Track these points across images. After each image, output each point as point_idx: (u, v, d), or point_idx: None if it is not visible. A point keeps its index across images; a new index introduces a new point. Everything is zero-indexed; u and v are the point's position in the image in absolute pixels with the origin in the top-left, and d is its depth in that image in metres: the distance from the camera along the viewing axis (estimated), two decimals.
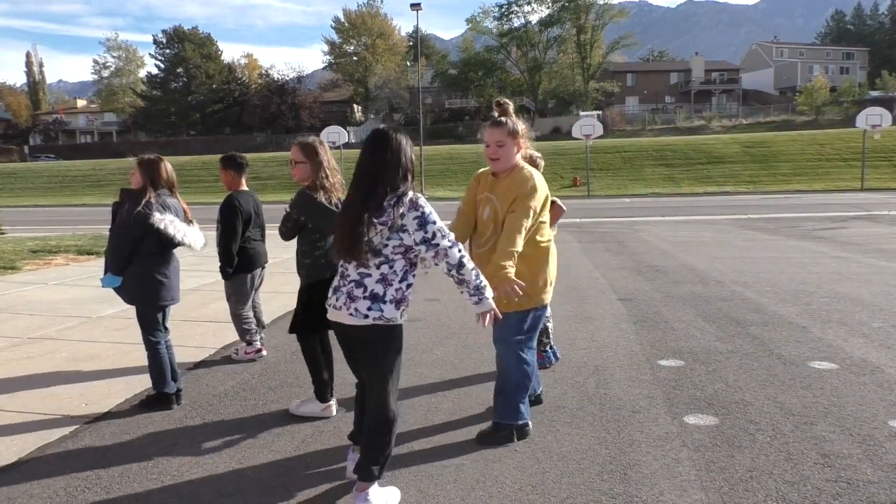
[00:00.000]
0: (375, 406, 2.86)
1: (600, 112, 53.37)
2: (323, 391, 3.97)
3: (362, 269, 2.80)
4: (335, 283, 2.95)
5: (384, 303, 2.77)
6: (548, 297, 3.60)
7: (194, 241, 4.23)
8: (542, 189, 3.42)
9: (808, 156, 37.86)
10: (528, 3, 68.35)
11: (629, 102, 67.52)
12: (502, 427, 3.58)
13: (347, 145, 40.57)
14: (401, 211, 2.72)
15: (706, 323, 6.09)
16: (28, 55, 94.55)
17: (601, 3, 67.40)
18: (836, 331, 5.71)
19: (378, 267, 2.78)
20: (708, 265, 9.59)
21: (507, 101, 3.65)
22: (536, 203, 3.35)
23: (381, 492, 2.91)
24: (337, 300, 2.87)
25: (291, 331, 3.95)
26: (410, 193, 2.78)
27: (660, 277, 8.65)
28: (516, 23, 68.90)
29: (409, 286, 2.85)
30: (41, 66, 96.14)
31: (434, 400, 4.23)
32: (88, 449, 3.57)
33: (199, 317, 6.72)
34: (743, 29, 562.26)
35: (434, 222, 2.77)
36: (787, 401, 4.06)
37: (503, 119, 3.50)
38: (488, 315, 2.85)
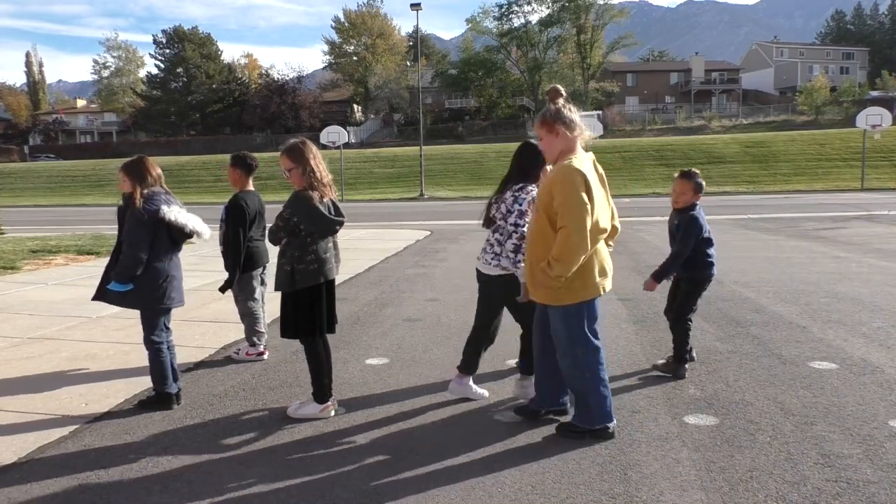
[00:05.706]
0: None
1: (600, 112, 53.23)
2: (322, 392, 3.97)
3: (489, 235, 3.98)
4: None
5: (500, 258, 3.88)
6: (577, 295, 3.55)
7: (202, 229, 4.22)
8: (573, 187, 3.26)
9: (808, 156, 37.88)
10: (528, 3, 68.35)
11: (629, 102, 67.52)
12: (577, 428, 3.56)
13: (347, 145, 40.56)
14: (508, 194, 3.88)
15: (706, 323, 6.09)
16: (28, 55, 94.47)
17: (601, 3, 67.43)
18: (836, 331, 5.71)
19: (493, 232, 3.95)
20: None
21: (555, 87, 3.52)
22: (570, 201, 3.25)
23: (470, 383, 4.18)
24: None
25: (283, 335, 3.96)
26: (522, 185, 3.85)
27: None
28: (516, 23, 68.91)
29: (506, 245, 3.86)
30: (41, 66, 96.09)
31: (434, 400, 4.22)
32: (88, 449, 3.57)
33: (199, 317, 6.72)
34: (743, 29, 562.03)
35: (512, 213, 3.79)
36: (787, 401, 4.06)
37: (544, 109, 3.41)
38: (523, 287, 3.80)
